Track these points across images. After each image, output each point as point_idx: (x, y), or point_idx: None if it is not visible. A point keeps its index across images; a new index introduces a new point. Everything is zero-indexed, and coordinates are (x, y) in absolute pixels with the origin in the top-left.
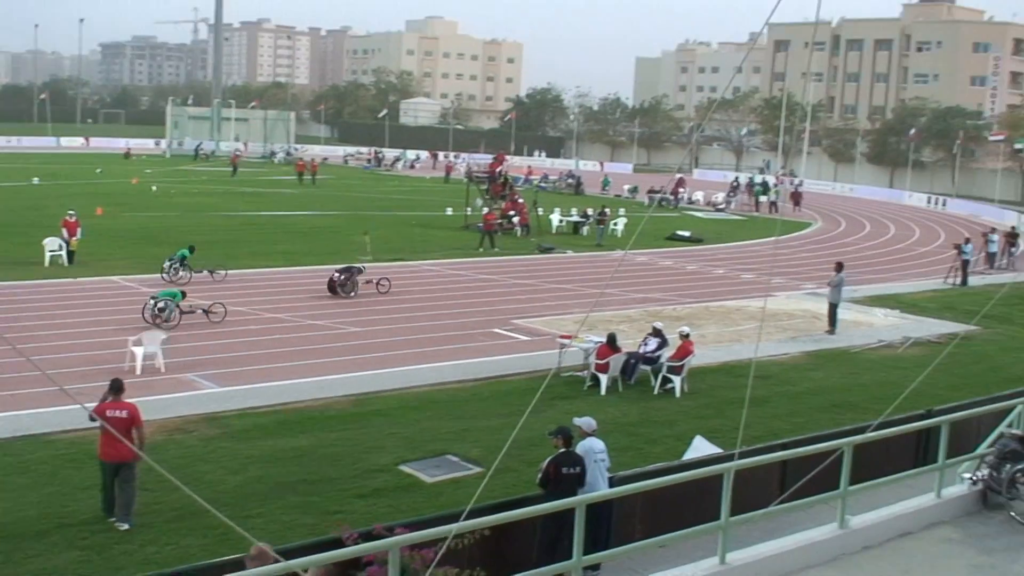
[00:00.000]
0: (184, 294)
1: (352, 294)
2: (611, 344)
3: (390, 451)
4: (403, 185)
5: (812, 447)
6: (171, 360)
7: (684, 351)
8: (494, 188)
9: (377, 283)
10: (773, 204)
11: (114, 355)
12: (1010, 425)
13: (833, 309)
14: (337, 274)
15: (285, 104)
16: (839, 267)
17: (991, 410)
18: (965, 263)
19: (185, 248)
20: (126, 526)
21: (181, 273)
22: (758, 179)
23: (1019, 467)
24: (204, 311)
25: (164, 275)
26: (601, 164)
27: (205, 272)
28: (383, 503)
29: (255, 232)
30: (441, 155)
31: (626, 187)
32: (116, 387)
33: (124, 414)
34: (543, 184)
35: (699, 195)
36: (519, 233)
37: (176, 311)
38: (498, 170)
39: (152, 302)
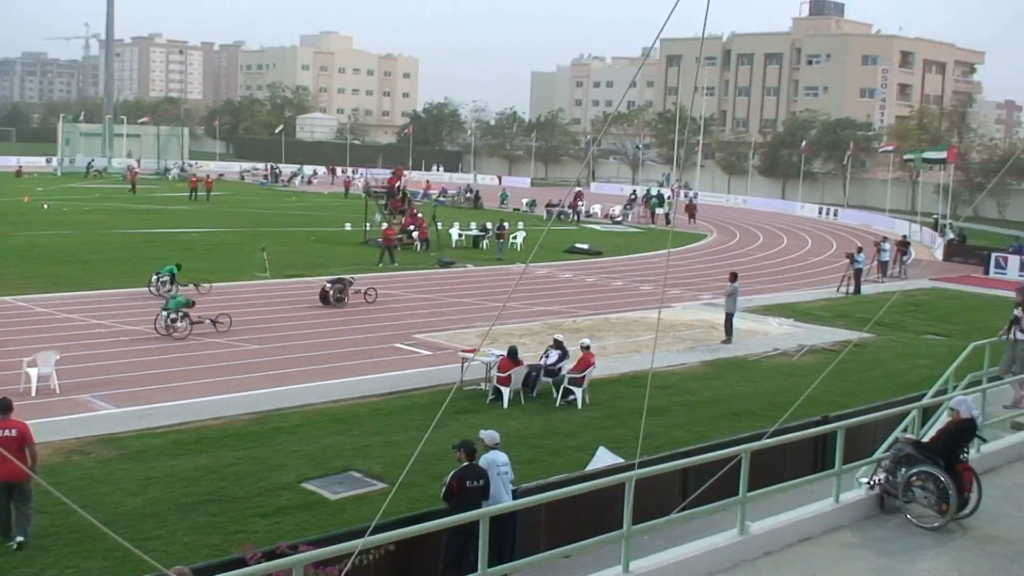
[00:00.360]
0: (193, 303)
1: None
2: (512, 357)
3: (293, 469)
4: (301, 201)
5: (711, 454)
6: (69, 380)
7: (585, 363)
8: (393, 203)
9: (361, 291)
10: (666, 216)
11: (8, 376)
12: (905, 430)
13: (729, 319)
14: (329, 284)
15: (178, 120)
16: (733, 277)
17: (886, 415)
18: (858, 272)
19: (173, 264)
20: (21, 538)
21: (169, 287)
22: (654, 192)
23: (914, 471)
24: (212, 321)
25: (151, 288)
26: (499, 178)
27: (191, 286)
28: (287, 521)
29: (154, 249)
30: (339, 170)
31: (524, 201)
32: (4, 406)
33: (14, 433)
34: (442, 199)
35: (597, 208)
36: (419, 248)
37: (187, 322)
38: (396, 185)
39: (165, 313)
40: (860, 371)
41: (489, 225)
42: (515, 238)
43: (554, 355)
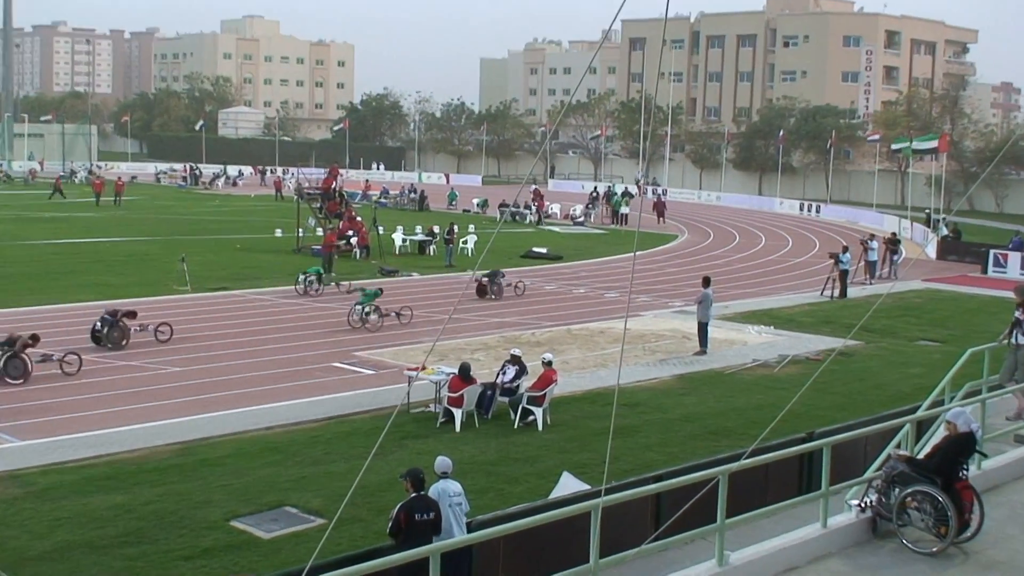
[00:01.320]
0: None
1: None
2: (464, 375)
3: (220, 505)
4: (225, 205)
5: (686, 478)
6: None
7: (546, 380)
8: (329, 206)
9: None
10: (624, 218)
11: None
12: (898, 446)
13: (703, 328)
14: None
15: (85, 116)
16: (706, 282)
17: (877, 430)
18: (843, 273)
19: (318, 266)
20: None
21: (317, 287)
22: (617, 189)
23: (909, 491)
24: (396, 314)
25: (298, 287)
26: (447, 176)
27: (333, 285)
28: (214, 564)
29: (62, 262)
30: (268, 171)
31: (475, 201)
32: None
33: None
34: (383, 200)
35: (556, 208)
36: (358, 255)
37: (378, 315)
38: (332, 186)
39: (360, 307)
40: (847, 382)
41: (436, 229)
42: (465, 242)
43: (511, 371)
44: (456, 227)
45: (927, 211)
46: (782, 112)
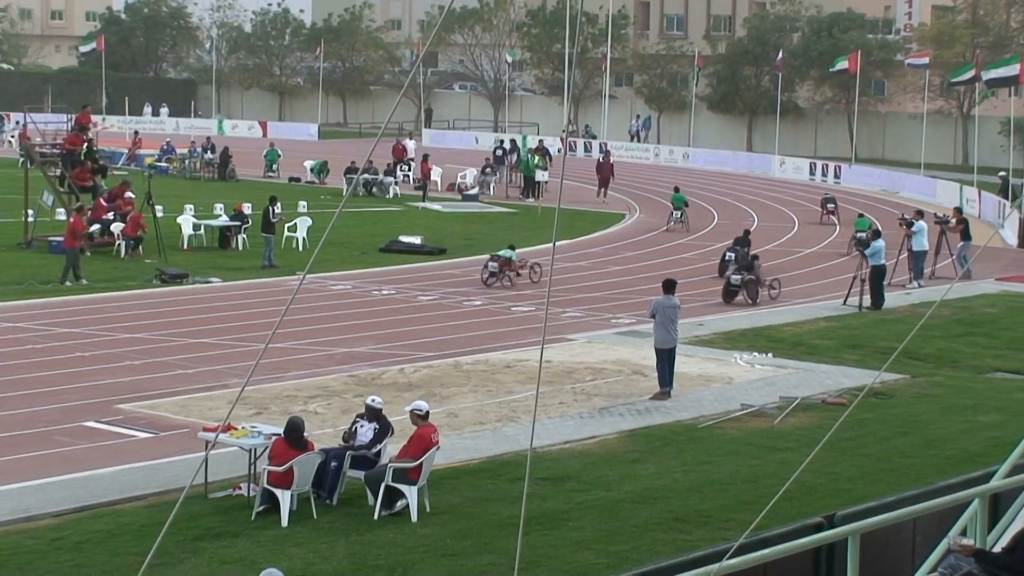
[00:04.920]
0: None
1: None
2: (294, 437)
3: None
4: None
5: None
6: None
7: (422, 442)
8: (76, 174)
9: None
10: (540, 188)
11: None
12: (963, 533)
13: (665, 357)
14: None
15: None
16: (668, 287)
17: (929, 510)
18: (877, 272)
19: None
20: None
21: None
22: (531, 143)
23: None
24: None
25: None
26: (263, 126)
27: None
28: None
29: None
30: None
31: (308, 165)
32: None
33: None
34: (162, 164)
35: (437, 173)
36: (124, 251)
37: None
38: (83, 142)
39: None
40: (885, 438)
41: (248, 208)
42: (295, 230)
43: (367, 430)
44: (280, 205)
45: (1002, 174)
46: (780, 24)
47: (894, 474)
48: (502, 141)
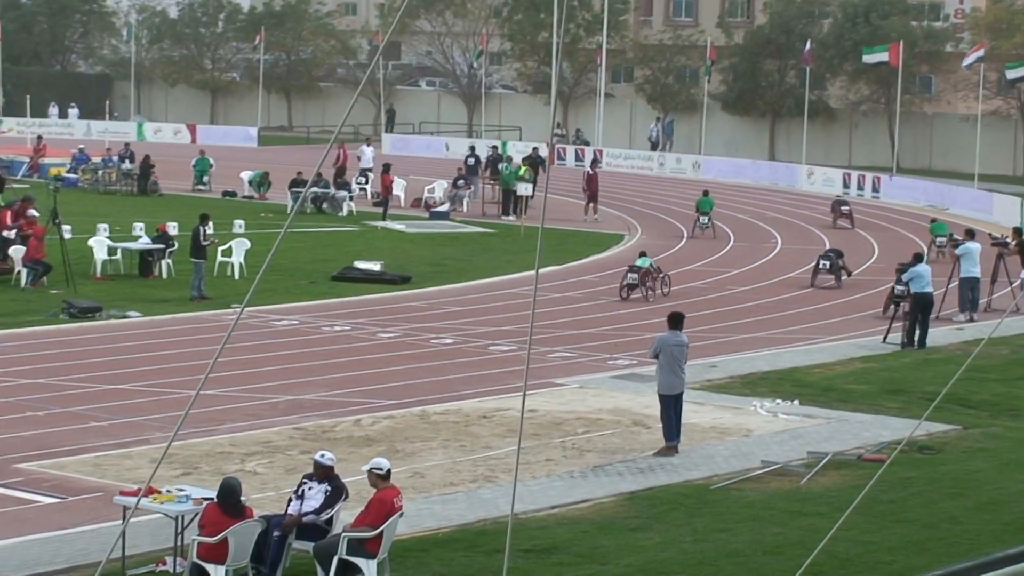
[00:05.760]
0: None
1: None
2: (229, 502)
3: None
4: None
5: None
6: None
7: (382, 507)
8: None
9: None
10: (523, 203)
11: None
12: None
13: (671, 405)
14: None
15: None
16: (675, 321)
17: None
18: (920, 302)
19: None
20: None
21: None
22: (511, 150)
23: None
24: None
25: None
26: (192, 130)
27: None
28: None
29: None
30: None
31: (245, 176)
32: None
33: None
34: (71, 176)
35: (400, 187)
36: (25, 280)
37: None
38: None
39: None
40: (933, 500)
41: (173, 228)
42: (229, 255)
43: (317, 492)
44: (211, 225)
45: None
46: (808, 8)
47: (943, 543)
48: (473, 147)
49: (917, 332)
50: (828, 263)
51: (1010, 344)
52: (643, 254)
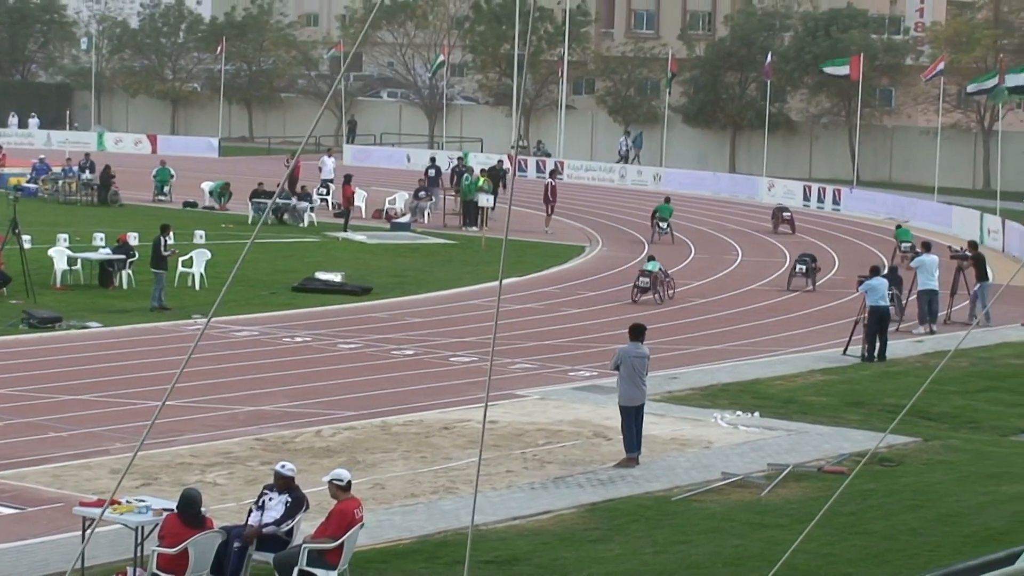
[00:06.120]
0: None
1: None
2: (189, 513)
3: None
4: None
5: None
6: None
7: (343, 518)
8: None
9: None
10: (484, 214)
11: None
12: None
13: (631, 417)
14: None
15: None
16: (636, 333)
17: None
18: (877, 314)
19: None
20: None
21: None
22: (472, 162)
23: None
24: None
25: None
26: (152, 140)
27: None
28: None
29: None
30: None
31: (206, 187)
32: None
33: None
34: (29, 186)
35: (361, 198)
36: None
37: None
38: None
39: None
40: (891, 512)
41: (134, 239)
42: (189, 265)
43: (278, 504)
44: (171, 236)
45: None
46: (769, 21)
47: (903, 555)
48: (434, 159)
49: (877, 345)
50: (804, 267)
51: (970, 356)
52: (652, 258)
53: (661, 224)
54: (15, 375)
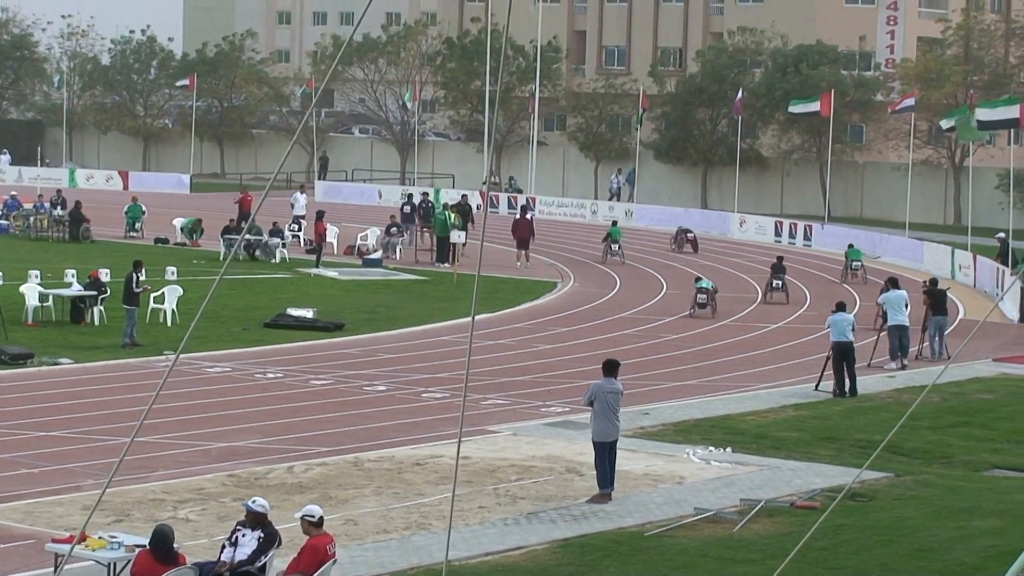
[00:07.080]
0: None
1: None
2: (161, 549)
3: None
4: None
5: None
6: None
7: (315, 554)
8: None
9: None
10: (455, 250)
11: None
12: None
13: (605, 452)
14: None
15: None
16: (609, 369)
17: None
18: (841, 350)
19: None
20: None
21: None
22: (445, 197)
23: None
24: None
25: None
26: (124, 176)
27: None
28: None
29: None
30: None
31: (178, 223)
32: None
33: None
34: (1, 222)
35: (333, 234)
36: None
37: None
38: None
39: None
40: (864, 547)
41: (106, 275)
42: (161, 301)
43: (249, 540)
44: (142, 272)
45: (1001, 235)
46: (740, 58)
47: None
48: (410, 195)
49: (846, 380)
50: (780, 282)
51: (941, 392)
52: (699, 278)
53: (613, 247)
54: None
